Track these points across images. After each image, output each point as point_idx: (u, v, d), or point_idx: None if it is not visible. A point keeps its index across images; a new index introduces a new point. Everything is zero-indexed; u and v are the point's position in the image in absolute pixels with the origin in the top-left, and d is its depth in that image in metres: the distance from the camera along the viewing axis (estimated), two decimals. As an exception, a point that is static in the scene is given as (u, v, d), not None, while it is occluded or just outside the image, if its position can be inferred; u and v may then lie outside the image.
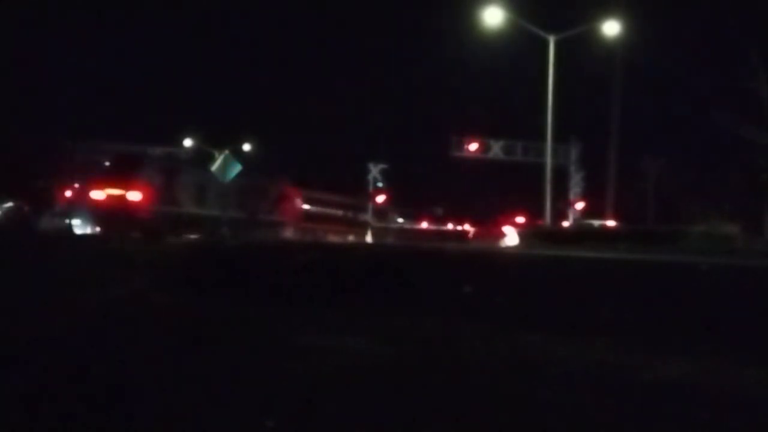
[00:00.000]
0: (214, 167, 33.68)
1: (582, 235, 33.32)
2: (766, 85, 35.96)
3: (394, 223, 53.26)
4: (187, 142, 62.65)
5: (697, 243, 25.26)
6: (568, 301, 6.73)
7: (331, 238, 41.49)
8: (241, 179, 25.37)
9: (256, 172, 33.27)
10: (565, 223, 46.60)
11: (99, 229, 29.55)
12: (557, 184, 43.77)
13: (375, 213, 54.58)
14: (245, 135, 59.61)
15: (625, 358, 3.89)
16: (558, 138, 41.46)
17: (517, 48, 41.68)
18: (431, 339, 4.43)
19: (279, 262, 13.74)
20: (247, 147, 59.95)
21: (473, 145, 54.87)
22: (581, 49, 39.83)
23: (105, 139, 62.28)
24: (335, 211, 43.68)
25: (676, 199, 48.56)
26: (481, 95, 68.85)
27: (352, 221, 46.02)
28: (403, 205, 57.02)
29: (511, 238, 38.39)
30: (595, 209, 50.32)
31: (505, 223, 43.08)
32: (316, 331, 4.63)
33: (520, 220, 45.77)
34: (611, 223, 41.27)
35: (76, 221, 44.11)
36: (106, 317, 5.28)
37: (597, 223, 41.42)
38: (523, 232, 37.72)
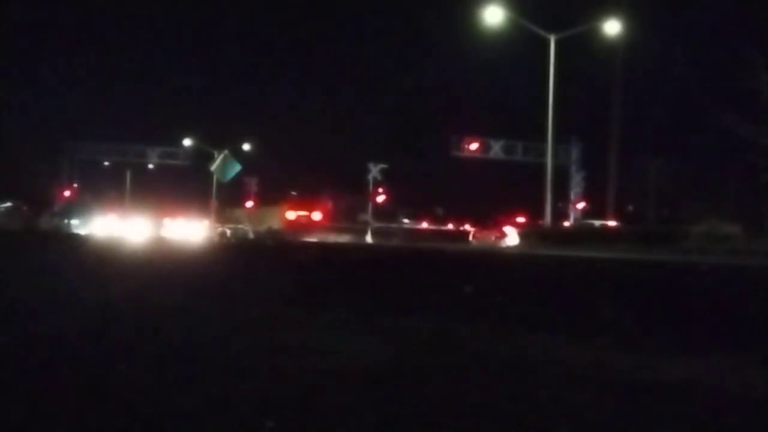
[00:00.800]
0: (214, 167, 33.82)
1: (582, 235, 33.39)
2: (767, 86, 35.98)
3: (401, 224, 54.04)
4: (187, 142, 62.67)
5: (697, 243, 25.30)
6: (568, 301, 6.74)
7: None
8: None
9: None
10: (566, 223, 46.63)
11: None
12: (557, 184, 43.78)
13: (379, 213, 54.61)
14: (245, 135, 59.66)
15: (625, 358, 3.90)
16: (558, 138, 41.48)
17: (517, 48, 41.73)
18: (431, 339, 4.43)
19: (279, 262, 13.76)
20: (247, 147, 59.98)
21: (473, 145, 54.88)
22: (581, 49, 39.87)
23: (105, 139, 62.35)
24: None
25: (676, 199, 48.58)
26: (481, 95, 68.88)
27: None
28: (406, 205, 57.16)
29: (511, 238, 38.41)
30: (595, 209, 50.34)
31: (505, 223, 43.07)
32: (316, 330, 4.64)
33: (520, 220, 45.75)
34: (611, 223, 41.31)
35: (75, 221, 44.09)
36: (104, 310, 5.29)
37: (597, 223, 41.46)
38: (523, 232, 37.76)
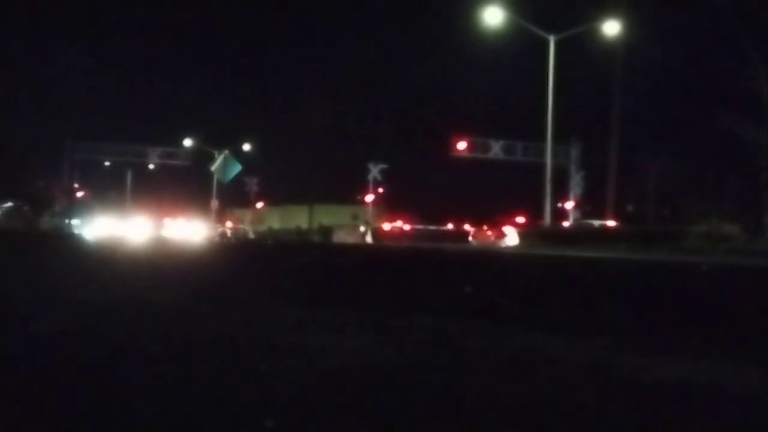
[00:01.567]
0: (214, 167, 33.89)
1: (582, 235, 33.39)
2: (767, 86, 35.97)
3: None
4: (188, 142, 62.68)
5: (697, 243, 25.31)
6: (567, 301, 6.74)
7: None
8: None
9: None
10: (565, 223, 46.65)
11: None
12: (557, 184, 43.78)
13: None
14: (245, 135, 59.69)
15: (625, 358, 3.89)
16: (558, 138, 41.51)
17: (517, 48, 41.73)
18: (431, 339, 4.43)
19: (279, 262, 13.76)
20: (247, 147, 59.99)
21: (473, 146, 54.90)
22: (581, 49, 39.87)
23: (105, 139, 62.36)
24: None
25: (676, 199, 48.59)
26: (481, 95, 68.92)
27: None
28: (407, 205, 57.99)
29: (511, 238, 38.42)
30: (595, 209, 50.35)
31: (505, 223, 43.08)
32: (316, 330, 4.63)
33: (520, 220, 45.77)
34: (611, 223, 41.31)
35: (76, 221, 44.10)
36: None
37: (597, 223, 41.47)
38: (523, 232, 37.77)
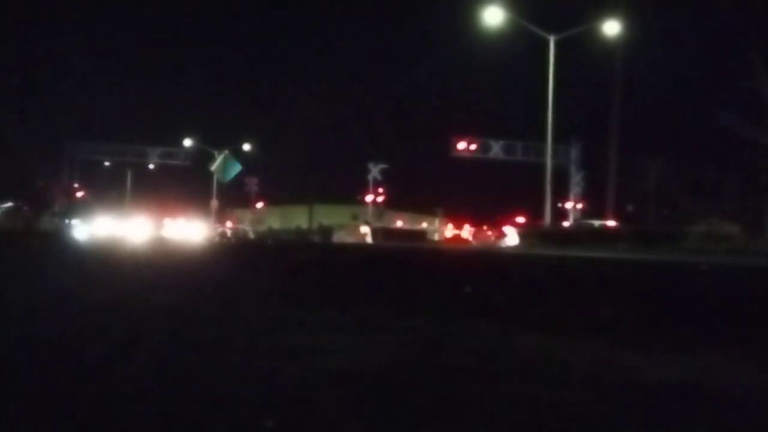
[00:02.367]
0: (214, 167, 33.90)
1: (582, 235, 33.38)
2: (767, 86, 35.96)
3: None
4: (188, 142, 62.68)
5: (697, 243, 25.30)
6: (568, 301, 6.74)
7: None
8: None
9: None
10: (565, 223, 46.65)
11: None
12: (557, 184, 43.78)
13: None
14: (245, 135, 59.71)
15: (625, 358, 3.89)
16: (558, 138, 41.52)
17: (516, 48, 41.72)
18: (431, 339, 4.43)
19: (279, 262, 13.75)
20: (247, 147, 60.00)
21: (473, 145, 54.90)
22: (581, 49, 39.87)
23: (105, 139, 62.37)
24: None
25: (676, 199, 48.58)
26: (480, 95, 69.09)
27: None
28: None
29: (511, 238, 38.41)
30: (595, 209, 50.35)
31: (505, 223, 43.08)
32: (316, 330, 4.63)
33: (520, 220, 45.77)
34: (611, 223, 41.31)
35: (76, 221, 44.12)
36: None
37: (597, 223, 41.47)
38: (523, 232, 37.76)
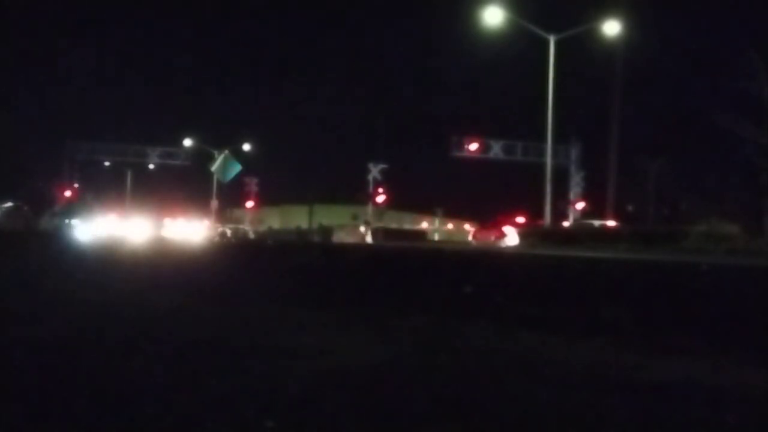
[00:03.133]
0: (214, 167, 33.92)
1: (582, 235, 33.37)
2: (767, 86, 35.97)
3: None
4: (188, 142, 62.71)
5: (697, 243, 25.29)
6: (568, 301, 6.74)
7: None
8: None
9: None
10: (565, 223, 46.67)
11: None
12: (557, 184, 43.79)
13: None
14: (245, 135, 59.74)
15: (625, 358, 3.89)
16: (558, 138, 41.53)
17: (516, 48, 41.73)
18: (431, 339, 4.43)
19: (279, 262, 13.75)
20: (247, 147, 60.03)
21: (473, 145, 54.95)
22: (581, 49, 39.88)
23: (105, 139, 62.42)
24: None
25: (676, 199, 48.59)
26: (481, 95, 69.17)
27: None
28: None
29: (511, 238, 38.41)
30: (595, 209, 50.36)
31: (505, 223, 43.07)
32: (316, 330, 4.63)
33: (520, 220, 45.76)
34: (611, 223, 41.32)
35: (76, 221, 44.16)
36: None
37: (597, 223, 41.48)
38: (523, 232, 37.76)
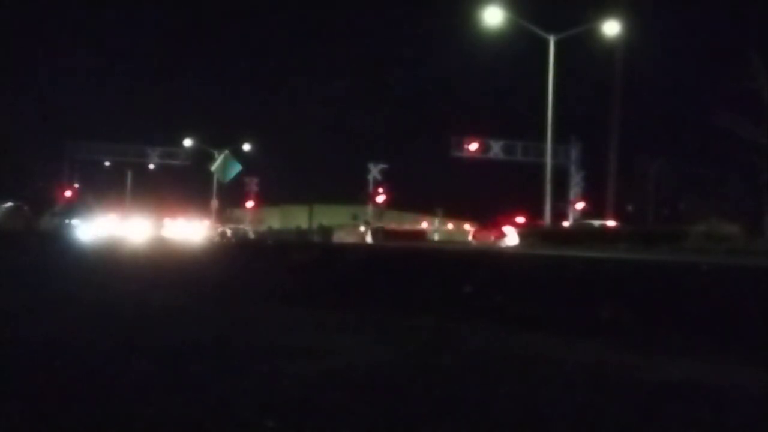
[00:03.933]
0: (214, 167, 33.93)
1: (582, 235, 33.36)
2: (767, 86, 35.98)
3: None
4: (188, 142, 62.72)
5: (697, 243, 25.28)
6: (568, 301, 6.73)
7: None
8: None
9: None
10: (565, 223, 46.64)
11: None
12: (557, 184, 43.78)
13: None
14: (245, 135, 59.73)
15: (625, 358, 3.89)
16: (558, 138, 41.51)
17: (517, 48, 41.74)
18: (431, 339, 4.43)
19: (279, 262, 13.74)
20: (247, 147, 60.02)
21: (473, 145, 54.91)
22: (581, 49, 39.87)
23: (105, 139, 62.44)
24: None
25: (676, 199, 48.58)
26: (481, 95, 69.09)
27: None
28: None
29: (510, 238, 38.39)
30: (595, 209, 50.33)
31: (505, 223, 43.05)
32: (316, 330, 4.63)
33: (520, 220, 45.73)
34: (611, 223, 41.29)
35: (76, 221, 44.18)
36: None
37: (597, 223, 41.44)
38: (523, 232, 37.75)
